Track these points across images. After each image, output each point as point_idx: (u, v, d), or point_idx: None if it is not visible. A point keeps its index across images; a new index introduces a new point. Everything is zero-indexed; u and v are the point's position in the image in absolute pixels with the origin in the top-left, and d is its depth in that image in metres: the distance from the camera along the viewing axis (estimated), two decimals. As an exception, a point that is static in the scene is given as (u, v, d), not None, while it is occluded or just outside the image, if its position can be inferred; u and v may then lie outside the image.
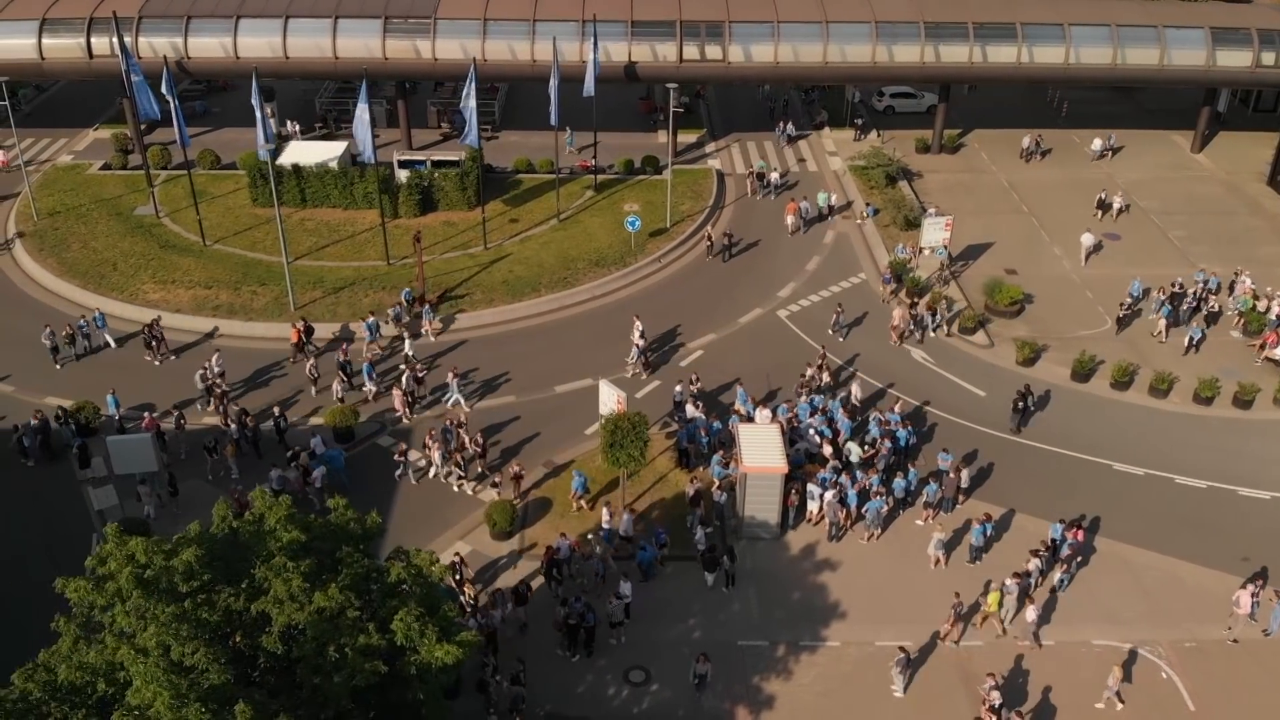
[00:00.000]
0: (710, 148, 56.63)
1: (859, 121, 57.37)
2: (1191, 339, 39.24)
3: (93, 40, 49.88)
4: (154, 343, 37.43)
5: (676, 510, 31.69)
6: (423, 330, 39.53)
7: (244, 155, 52.17)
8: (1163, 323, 40.22)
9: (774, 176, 51.61)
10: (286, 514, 18.04)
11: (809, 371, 36.30)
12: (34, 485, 32.66)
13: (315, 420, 35.00)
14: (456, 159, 49.57)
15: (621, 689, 26.39)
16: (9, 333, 39.74)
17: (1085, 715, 26.07)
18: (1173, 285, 41.18)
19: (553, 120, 46.26)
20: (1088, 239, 45.82)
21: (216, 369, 35.68)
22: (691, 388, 35.39)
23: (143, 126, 53.53)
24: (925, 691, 26.57)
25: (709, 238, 46.39)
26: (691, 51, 50.44)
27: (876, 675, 26.79)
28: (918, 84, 58.06)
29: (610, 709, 25.95)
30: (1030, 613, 27.66)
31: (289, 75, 52.49)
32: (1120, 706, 26.06)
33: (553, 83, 45.53)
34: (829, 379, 36.48)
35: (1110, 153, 55.00)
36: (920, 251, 44.24)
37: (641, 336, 37.86)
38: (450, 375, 35.98)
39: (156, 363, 37.56)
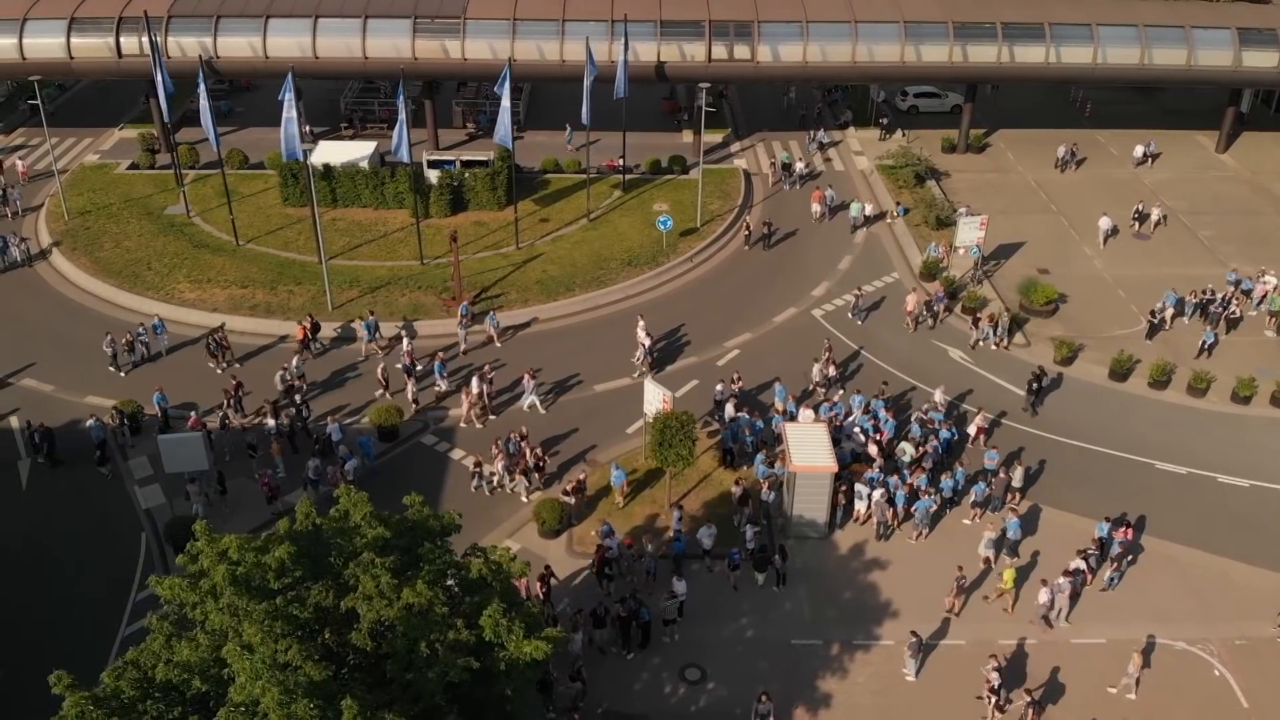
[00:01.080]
0: (735, 147, 56.72)
1: (884, 121, 57.42)
2: (1204, 343, 38.99)
3: (122, 40, 49.85)
4: (219, 350, 37.03)
5: (722, 509, 31.73)
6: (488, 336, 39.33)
7: (272, 155, 52.21)
8: (1169, 310, 40.63)
9: (798, 166, 52.47)
10: (371, 510, 18.09)
11: (815, 368, 36.51)
12: (78, 484, 32.66)
13: (365, 420, 35.02)
14: (485, 159, 49.64)
15: (678, 687, 26.42)
16: (45, 331, 39.81)
17: (1141, 714, 26.09)
18: (1203, 292, 41.03)
19: (584, 120, 46.25)
20: (1105, 222, 46.65)
21: (297, 370, 35.73)
22: (733, 387, 35.44)
23: (168, 125, 53.61)
24: (974, 690, 26.55)
25: (748, 227, 46.99)
26: (720, 51, 50.48)
27: (932, 674, 26.84)
28: (943, 84, 58.15)
29: (668, 706, 25.99)
30: (1043, 594, 27.97)
31: (319, 75, 52.52)
32: (1133, 696, 26.27)
33: (586, 82, 45.52)
34: (835, 372, 36.72)
35: (1151, 159, 54.36)
36: (953, 250, 44.31)
37: (647, 335, 37.91)
38: (527, 377, 35.86)
39: (219, 370, 37.12)
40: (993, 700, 25.32)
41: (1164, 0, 53.81)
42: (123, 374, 37.04)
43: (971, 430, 33.80)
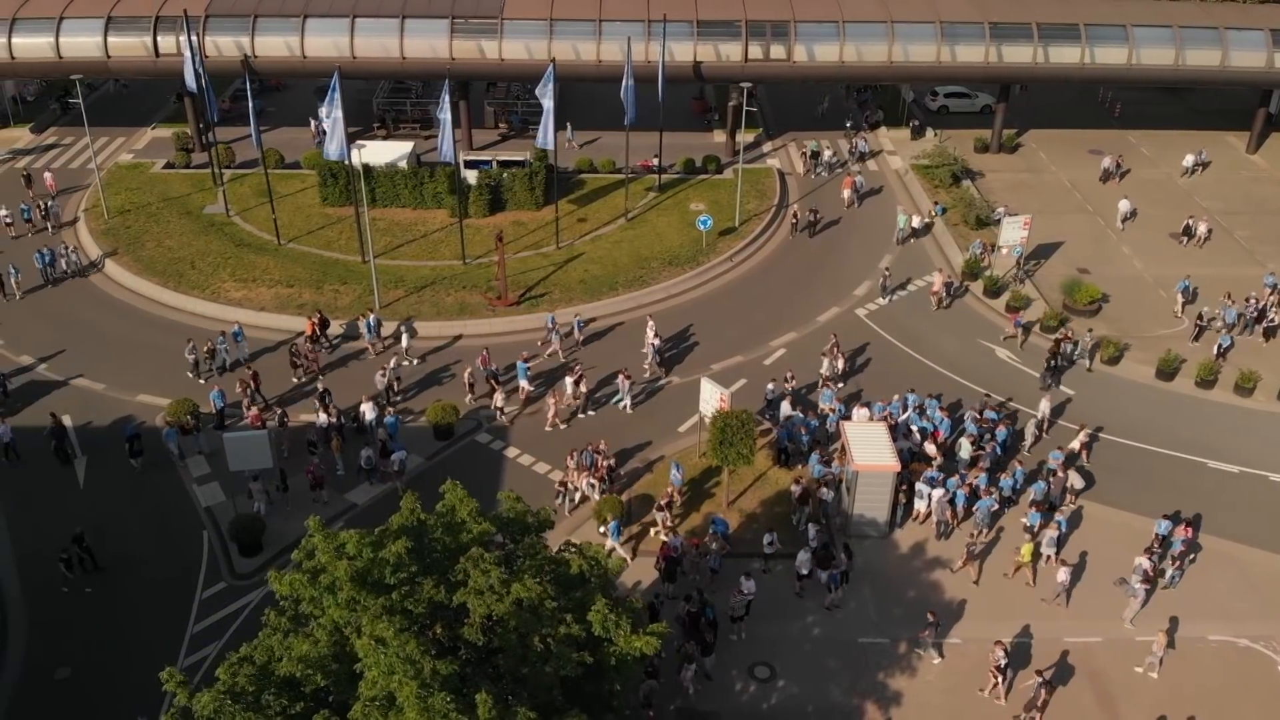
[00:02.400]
0: (767, 147, 56.82)
1: (915, 122, 57.52)
2: (1220, 346, 38.79)
3: (159, 39, 49.92)
4: (300, 359, 36.84)
5: (779, 508, 31.82)
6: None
7: (308, 154, 52.38)
8: (1180, 299, 41.28)
9: (826, 155, 53.66)
10: (477, 506, 18.18)
11: (824, 362, 36.76)
12: (137, 483, 32.72)
13: (423, 419, 35.12)
14: (521, 159, 49.73)
15: (748, 684, 26.50)
16: (92, 330, 39.89)
17: (1208, 711, 26.18)
18: (1246, 301, 40.95)
19: (626, 120, 46.32)
20: (1124, 205, 48.11)
21: (395, 370, 35.81)
22: (786, 386, 35.54)
23: (201, 125, 53.72)
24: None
25: (795, 215, 47.93)
26: (756, 51, 50.58)
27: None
28: (973, 84, 58.29)
29: (739, 704, 26.07)
30: (1061, 573, 28.49)
31: (356, 76, 52.46)
32: (1155, 676, 26.71)
33: (627, 83, 45.59)
34: (843, 365, 37.00)
35: (1201, 167, 53.82)
36: (994, 250, 44.43)
37: (656, 336, 38.01)
38: (621, 378, 35.92)
39: (297, 379, 36.90)
40: (998, 681, 25.82)
41: (1196, 1, 53.94)
42: (202, 381, 36.60)
43: (1076, 445, 33.34)
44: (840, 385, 36.43)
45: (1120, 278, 44.33)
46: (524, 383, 36.02)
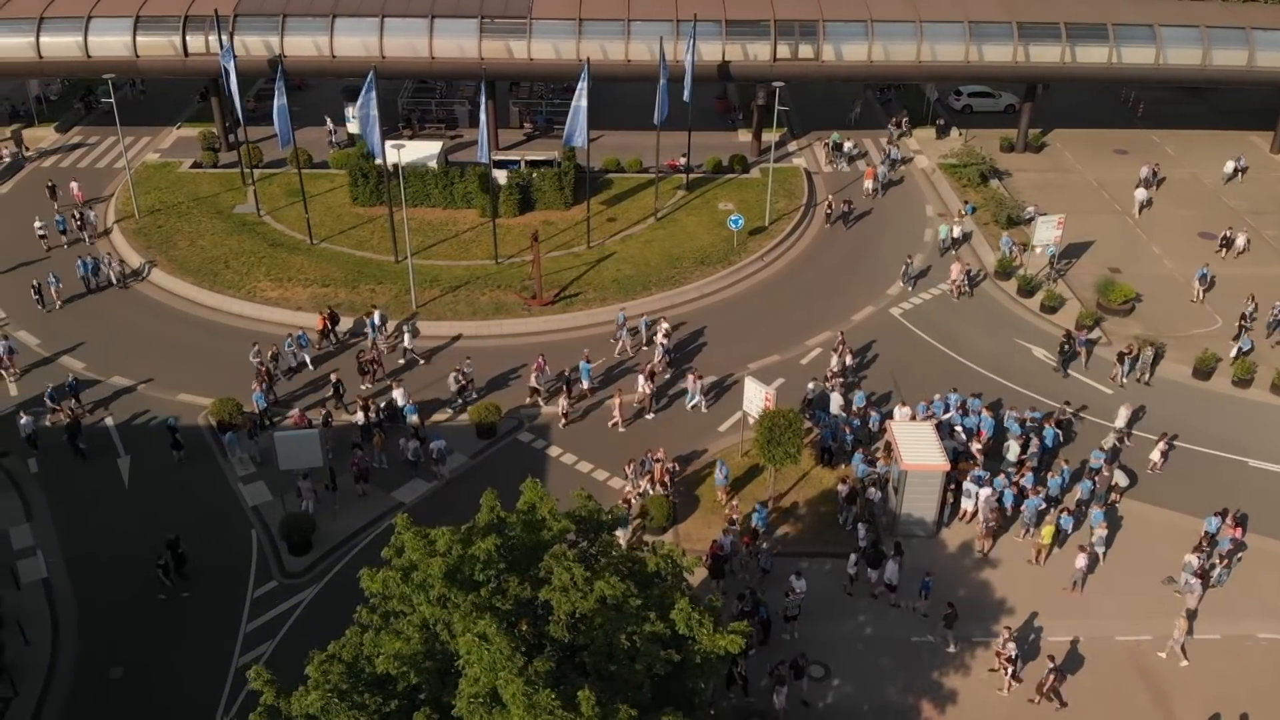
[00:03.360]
0: (792, 146, 56.83)
1: (941, 121, 57.57)
2: (1241, 349, 38.70)
3: (188, 38, 49.92)
4: (372, 366, 36.72)
5: (824, 508, 31.88)
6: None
7: (336, 154, 52.44)
8: (1198, 287, 42.13)
9: (847, 146, 54.50)
10: (556, 503, 18.23)
11: (833, 359, 36.91)
12: (181, 481, 32.76)
13: (462, 417, 35.18)
14: (549, 159, 49.79)
15: (802, 683, 26.51)
16: (131, 330, 39.95)
17: (1263, 711, 26.24)
18: (1273, 308, 40.63)
19: (656, 120, 46.35)
20: (1140, 194, 49.33)
21: (468, 370, 35.85)
22: (826, 385, 35.58)
23: (227, 125, 53.75)
24: (1096, 686, 26.72)
25: (829, 205, 48.52)
26: (784, 51, 50.61)
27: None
28: (998, 83, 58.35)
29: (794, 703, 26.06)
30: (1080, 560, 28.75)
31: (384, 76, 52.21)
32: (1185, 663, 27.05)
33: (661, 81, 45.61)
34: (851, 361, 37.22)
35: (1240, 174, 53.31)
36: (1025, 249, 44.49)
37: (666, 336, 38.08)
38: (692, 379, 35.94)
39: (366, 386, 36.66)
40: (1009, 670, 26.08)
41: (1223, 1, 53.99)
42: (259, 388, 35.86)
43: (1155, 456, 33.31)
44: (847, 380, 36.41)
45: (1151, 277, 44.38)
46: (585, 382, 36.03)
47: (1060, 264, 44.38)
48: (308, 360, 37.56)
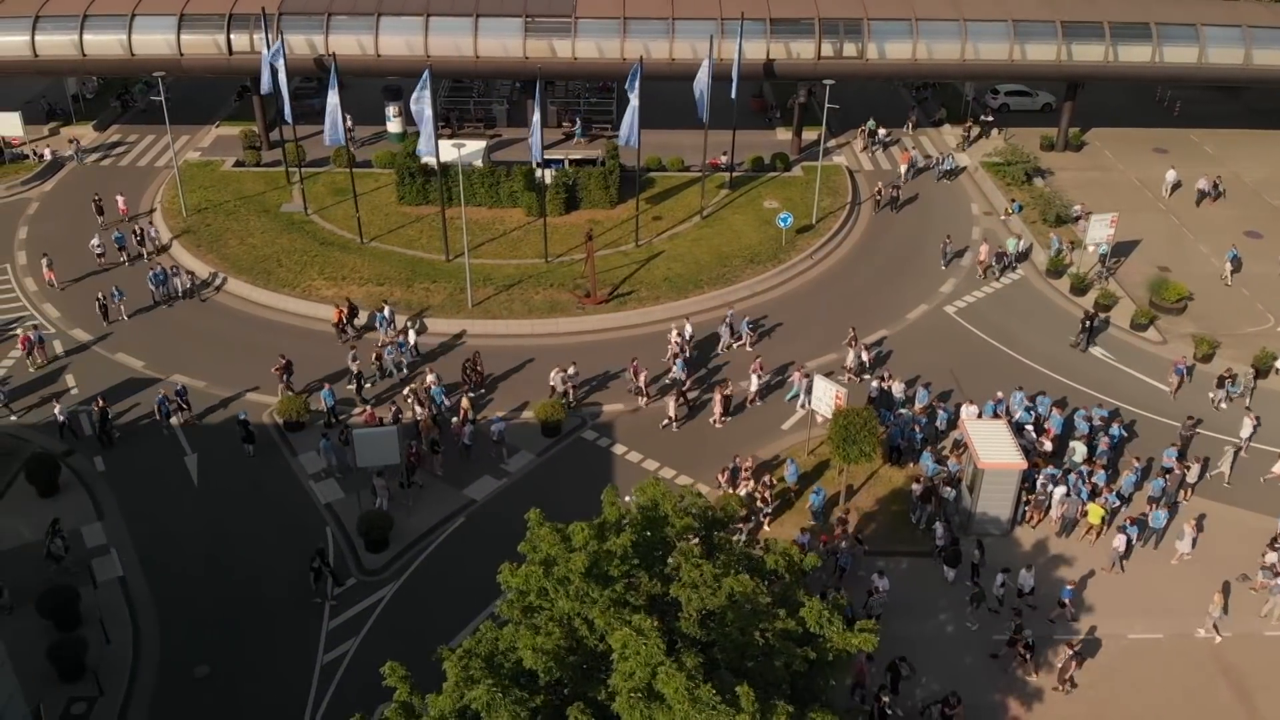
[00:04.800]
0: (831, 144, 56.78)
1: (986, 119, 57.61)
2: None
3: (232, 37, 49.88)
4: (472, 373, 36.49)
5: (895, 506, 31.91)
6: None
7: (380, 153, 52.41)
8: (1229, 268, 43.04)
9: (881, 133, 56.27)
10: (677, 500, 18.26)
11: (849, 356, 37.14)
12: (250, 479, 32.77)
13: (527, 414, 35.20)
14: (592, 158, 49.78)
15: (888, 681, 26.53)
16: (184, 329, 39.94)
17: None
18: None
19: (701, 117, 46.32)
20: (1170, 175, 50.73)
21: (572, 372, 35.78)
22: (887, 384, 35.58)
23: (267, 123, 53.72)
24: (1178, 683, 26.77)
25: (878, 192, 49.80)
26: (828, 49, 50.62)
27: (1140, 667, 27.08)
28: (1035, 82, 58.38)
29: (880, 703, 26.07)
30: (1118, 540, 29.38)
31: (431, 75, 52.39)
32: (1219, 639, 27.44)
33: (705, 79, 45.55)
34: (868, 356, 37.35)
35: None
36: (1074, 247, 44.53)
37: (679, 335, 38.05)
38: (797, 374, 35.95)
39: (470, 393, 36.24)
40: (1028, 656, 26.44)
41: (1263, 1, 54.02)
42: (362, 391, 36.27)
43: (1278, 469, 33.07)
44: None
45: (1201, 276, 44.40)
46: (680, 374, 36.27)
47: (1110, 262, 44.39)
48: (406, 366, 37.36)
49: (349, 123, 54.79)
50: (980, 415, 33.55)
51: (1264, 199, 51.25)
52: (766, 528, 30.76)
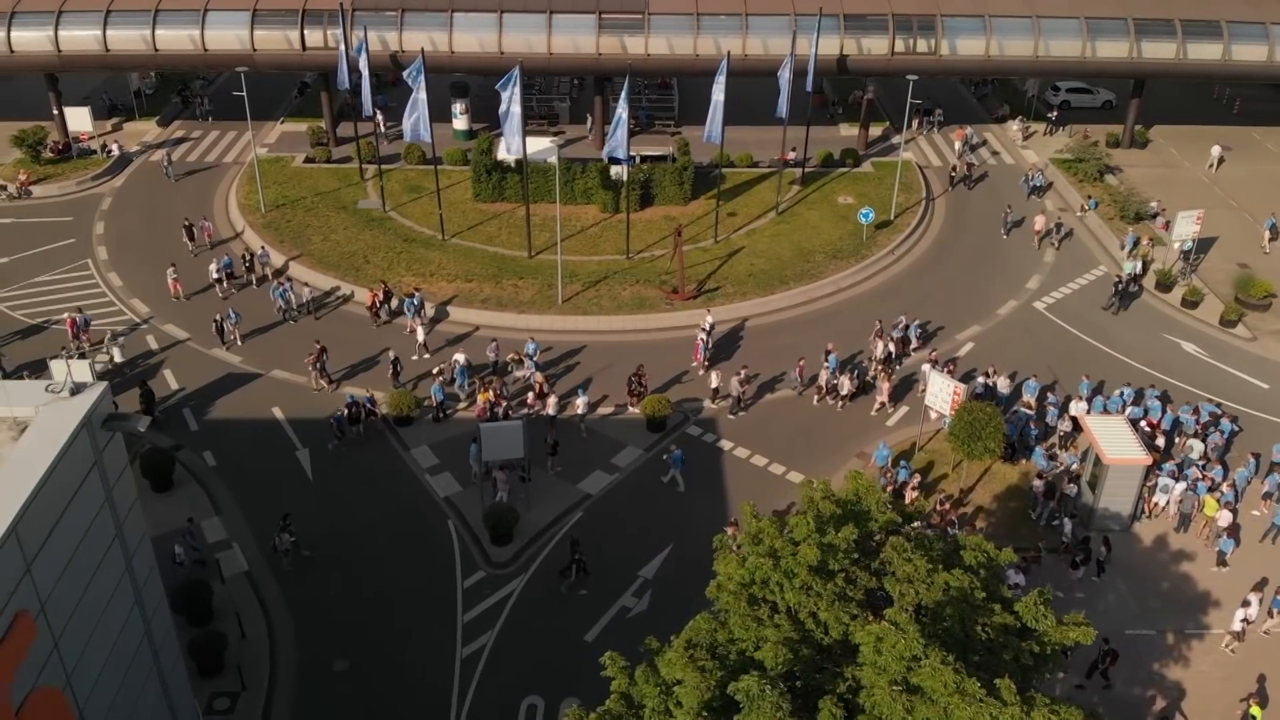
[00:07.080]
0: (896, 139, 56.82)
1: (1053, 116, 57.66)
2: None
3: (306, 32, 49.85)
4: (637, 386, 35.89)
5: (1013, 503, 31.96)
6: None
7: (450, 150, 52.32)
8: (1267, 235, 44.37)
9: (938, 113, 57.47)
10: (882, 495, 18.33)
11: (878, 346, 37.19)
12: (364, 473, 32.80)
13: (633, 411, 35.25)
14: (662, 154, 49.80)
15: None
16: (284, 325, 39.96)
17: None
18: None
19: (783, 114, 46.35)
20: (1215, 150, 52.98)
21: (744, 375, 35.68)
22: (991, 379, 35.63)
23: (334, 119, 53.69)
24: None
25: (953, 170, 52.02)
26: (901, 45, 50.65)
27: (1273, 660, 27.11)
28: (1101, 80, 58.47)
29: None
30: (1223, 521, 29.85)
31: (495, 73, 52.24)
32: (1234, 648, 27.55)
33: (785, 76, 45.59)
34: (895, 349, 37.41)
35: None
36: (1153, 244, 44.66)
37: (701, 331, 38.03)
38: (929, 364, 36.07)
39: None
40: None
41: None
42: (462, 396, 35.79)
43: None
44: (898, 368, 36.84)
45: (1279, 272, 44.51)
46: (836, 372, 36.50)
47: (1194, 259, 44.47)
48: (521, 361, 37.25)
49: (380, 118, 54.38)
50: (1089, 411, 33.62)
51: (1332, 196, 51.28)
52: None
